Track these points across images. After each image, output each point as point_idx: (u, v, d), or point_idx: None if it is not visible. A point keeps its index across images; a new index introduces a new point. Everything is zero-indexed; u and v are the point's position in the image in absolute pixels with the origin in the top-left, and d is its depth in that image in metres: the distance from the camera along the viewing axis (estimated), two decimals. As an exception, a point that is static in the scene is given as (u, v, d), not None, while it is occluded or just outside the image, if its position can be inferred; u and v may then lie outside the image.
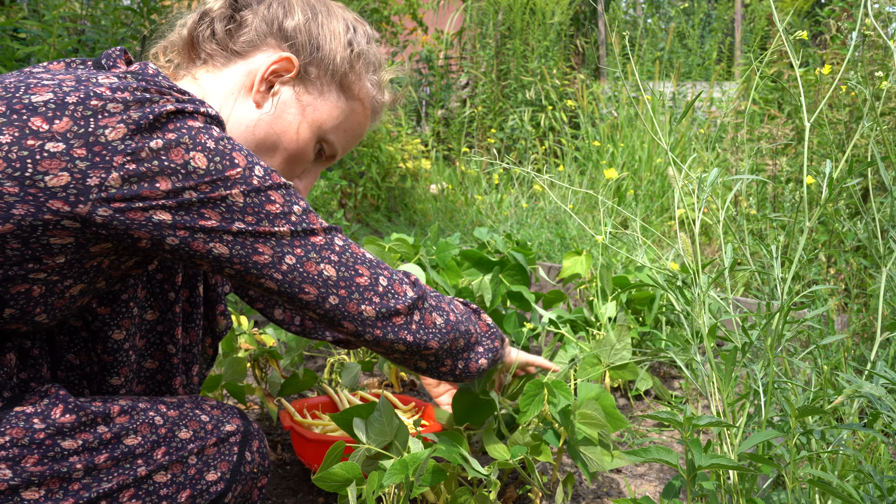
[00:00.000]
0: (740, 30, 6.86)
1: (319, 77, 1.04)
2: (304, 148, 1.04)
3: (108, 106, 0.80)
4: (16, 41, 2.55)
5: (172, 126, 0.82)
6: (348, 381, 1.77)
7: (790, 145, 3.12)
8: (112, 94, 0.81)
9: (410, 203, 4.77)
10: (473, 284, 2.28)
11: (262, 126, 1.01)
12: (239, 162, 0.85)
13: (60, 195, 0.78)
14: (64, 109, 0.79)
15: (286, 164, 1.04)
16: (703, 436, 1.72)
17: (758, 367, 1.08)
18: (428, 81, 6.35)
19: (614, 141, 4.79)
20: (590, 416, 1.29)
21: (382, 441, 1.18)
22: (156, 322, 0.99)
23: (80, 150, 0.78)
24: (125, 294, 0.94)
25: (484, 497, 1.20)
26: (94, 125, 0.79)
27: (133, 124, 0.80)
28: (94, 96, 0.81)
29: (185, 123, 0.82)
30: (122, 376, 0.95)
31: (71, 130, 0.78)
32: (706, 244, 3.54)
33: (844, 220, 2.45)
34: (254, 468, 1.00)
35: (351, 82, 1.06)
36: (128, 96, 0.82)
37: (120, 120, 0.80)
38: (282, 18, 1.02)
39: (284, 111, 1.02)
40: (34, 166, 0.77)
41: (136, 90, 0.83)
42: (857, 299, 2.28)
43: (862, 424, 0.94)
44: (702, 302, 1.11)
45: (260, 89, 1.01)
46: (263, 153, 1.03)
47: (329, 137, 1.06)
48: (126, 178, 0.79)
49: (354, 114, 1.08)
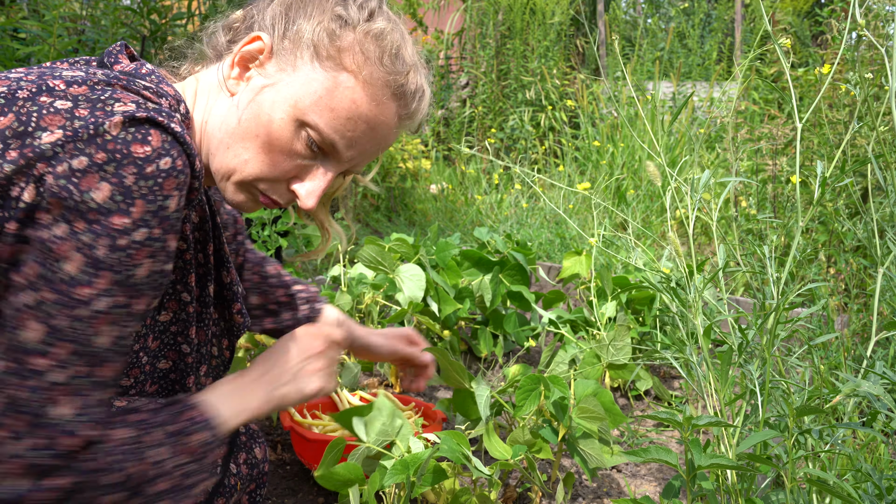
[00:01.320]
0: (740, 30, 6.86)
1: (294, 49, 0.88)
2: (279, 132, 0.87)
3: (57, 103, 0.74)
4: (16, 41, 2.55)
5: (111, 146, 0.72)
6: (348, 381, 1.77)
7: (790, 145, 3.12)
8: (65, 89, 0.75)
9: (410, 203, 4.77)
10: (473, 284, 2.28)
11: (233, 114, 0.89)
12: (134, 212, 0.72)
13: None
14: (12, 104, 0.73)
15: (266, 156, 0.89)
16: (702, 436, 1.72)
17: (754, 367, 1.09)
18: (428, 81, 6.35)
19: (614, 141, 4.80)
20: (589, 411, 1.30)
21: (384, 440, 1.19)
22: (169, 323, 0.97)
23: (13, 152, 0.72)
24: None
25: (485, 496, 1.21)
26: (35, 125, 0.72)
27: (71, 132, 0.72)
28: (46, 91, 0.74)
29: (125, 146, 0.72)
30: (131, 377, 0.93)
31: (10, 127, 0.72)
32: (706, 244, 3.55)
33: (844, 220, 2.46)
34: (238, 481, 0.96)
35: (333, 50, 0.88)
36: (82, 91, 0.75)
37: (61, 124, 0.72)
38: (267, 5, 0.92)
39: (257, 95, 0.88)
40: None
41: (97, 84, 0.76)
42: (856, 299, 2.28)
43: (860, 423, 0.95)
44: (696, 303, 1.11)
45: (232, 75, 0.90)
46: (239, 145, 0.89)
47: (310, 119, 0.87)
48: (39, 193, 0.71)
49: (341, 88, 0.87)
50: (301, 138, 0.88)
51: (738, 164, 3.24)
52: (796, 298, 1.01)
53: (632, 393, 2.05)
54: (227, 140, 0.89)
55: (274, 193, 0.92)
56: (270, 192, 0.92)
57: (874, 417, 0.99)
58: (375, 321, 1.96)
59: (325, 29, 0.87)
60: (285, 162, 0.89)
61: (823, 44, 5.29)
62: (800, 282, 2.45)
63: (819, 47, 5.15)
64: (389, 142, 0.94)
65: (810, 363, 1.42)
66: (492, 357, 2.35)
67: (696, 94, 5.41)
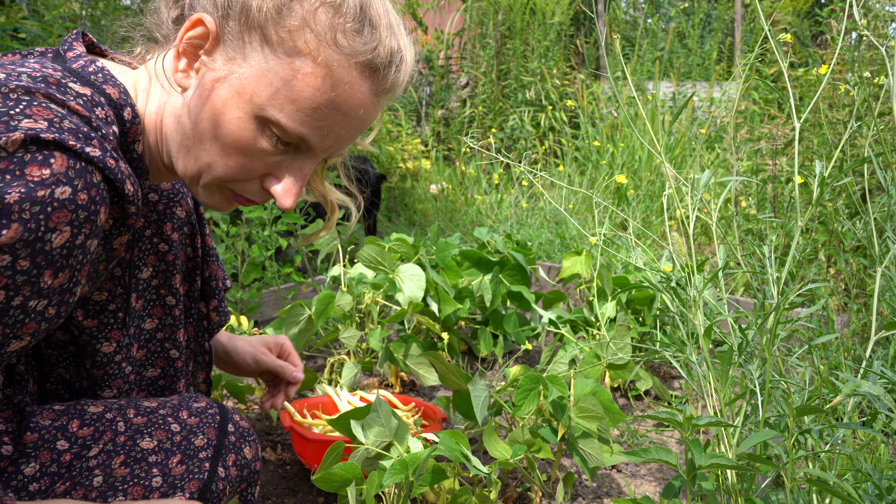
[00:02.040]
0: (740, 30, 6.86)
1: (240, 33, 0.77)
2: (239, 132, 0.77)
3: None
4: (16, 41, 2.55)
5: (3, 165, 0.63)
6: (348, 381, 1.77)
7: (790, 145, 3.12)
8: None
9: (410, 203, 4.77)
10: (473, 284, 2.28)
11: (187, 114, 0.80)
12: (3, 235, 0.63)
13: None
14: None
15: (230, 158, 0.79)
16: (702, 436, 1.72)
17: (754, 366, 1.09)
18: (428, 81, 6.35)
19: (614, 141, 4.80)
20: (588, 410, 1.30)
21: (382, 441, 1.19)
22: (155, 330, 0.96)
23: None
24: (112, 304, 0.89)
25: (485, 496, 1.21)
26: None
27: None
28: None
29: (18, 167, 0.63)
30: (114, 388, 0.92)
31: None
32: (706, 244, 3.55)
33: (844, 220, 2.46)
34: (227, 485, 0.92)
35: (284, 32, 0.75)
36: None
37: None
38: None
39: (210, 92, 0.78)
40: None
41: (13, 91, 0.67)
42: (856, 299, 2.28)
43: (860, 423, 0.95)
44: (696, 302, 1.11)
45: (179, 67, 0.80)
46: (199, 148, 0.80)
47: (270, 115, 0.77)
48: None
49: (299, 76, 0.76)
50: (265, 136, 0.78)
51: (738, 164, 3.24)
52: (796, 298, 1.01)
53: (632, 393, 2.05)
54: (186, 143, 0.81)
55: (247, 193, 0.84)
56: (243, 191, 0.84)
57: (874, 417, 0.99)
58: (375, 321, 1.96)
59: (272, 4, 0.75)
60: (252, 162, 0.80)
61: (823, 44, 5.29)
62: (800, 282, 2.45)
63: (819, 47, 5.15)
64: (370, 121, 0.83)
65: (810, 363, 1.42)
66: (492, 357, 2.35)
67: (696, 95, 5.41)
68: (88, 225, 0.68)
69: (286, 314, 1.87)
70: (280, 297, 2.56)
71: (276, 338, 1.26)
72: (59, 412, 0.86)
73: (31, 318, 0.68)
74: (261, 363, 1.21)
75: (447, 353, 2.25)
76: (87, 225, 0.67)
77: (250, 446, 0.98)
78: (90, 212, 0.67)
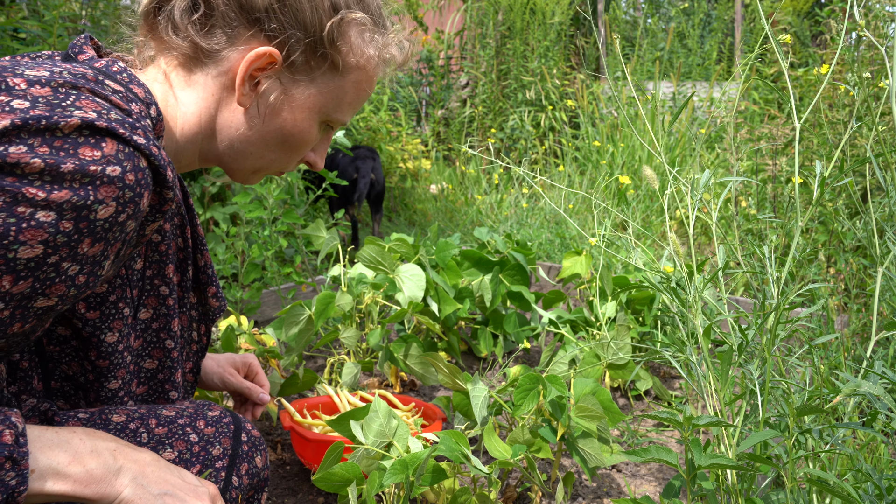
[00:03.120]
0: (740, 30, 6.86)
1: (307, 61, 0.90)
2: (306, 136, 0.94)
3: (14, 102, 0.69)
4: (16, 41, 2.55)
5: (58, 143, 0.68)
6: (348, 381, 1.77)
7: (790, 145, 3.12)
8: (26, 89, 0.71)
9: (410, 203, 4.77)
10: (473, 284, 2.28)
11: (256, 128, 0.92)
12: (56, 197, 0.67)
13: None
14: None
15: (294, 152, 0.96)
16: (702, 436, 1.72)
17: (753, 366, 1.09)
18: (428, 81, 6.35)
19: (614, 141, 4.80)
20: (587, 409, 1.30)
21: (381, 441, 1.19)
22: (150, 320, 0.97)
23: None
24: (113, 295, 0.91)
25: (485, 496, 1.21)
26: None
27: (20, 121, 0.67)
28: (4, 89, 0.70)
29: (73, 146, 0.69)
30: (119, 379, 0.93)
31: None
32: (706, 244, 3.55)
33: (844, 220, 2.46)
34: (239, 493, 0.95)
35: (346, 54, 0.91)
36: (44, 93, 0.71)
37: (11, 119, 0.67)
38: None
39: (276, 107, 0.91)
40: None
41: (61, 86, 0.72)
42: (857, 299, 2.28)
43: (860, 423, 0.95)
44: (696, 303, 1.11)
45: (244, 91, 0.90)
46: (264, 150, 0.94)
47: (333, 117, 0.95)
48: None
49: (357, 84, 0.94)
50: (320, 129, 0.97)
51: (738, 164, 3.24)
52: (796, 298, 1.01)
53: (632, 393, 2.05)
54: (248, 148, 0.94)
55: (288, 169, 1.02)
56: (287, 170, 1.01)
57: (874, 417, 0.99)
58: (375, 321, 1.96)
59: (333, 30, 0.89)
60: (307, 148, 0.97)
61: (823, 44, 5.29)
62: (800, 282, 2.45)
63: (819, 47, 5.15)
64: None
65: (810, 363, 1.42)
66: (492, 357, 2.35)
67: (696, 95, 5.41)
68: (132, 206, 0.73)
69: (286, 314, 1.87)
70: (280, 297, 2.56)
71: (244, 357, 1.29)
72: (84, 421, 0.87)
73: (61, 279, 0.72)
74: (227, 384, 1.24)
75: (447, 353, 2.25)
76: (131, 205, 0.73)
77: (261, 455, 1.01)
78: (135, 193, 0.73)
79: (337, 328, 1.92)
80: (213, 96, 0.91)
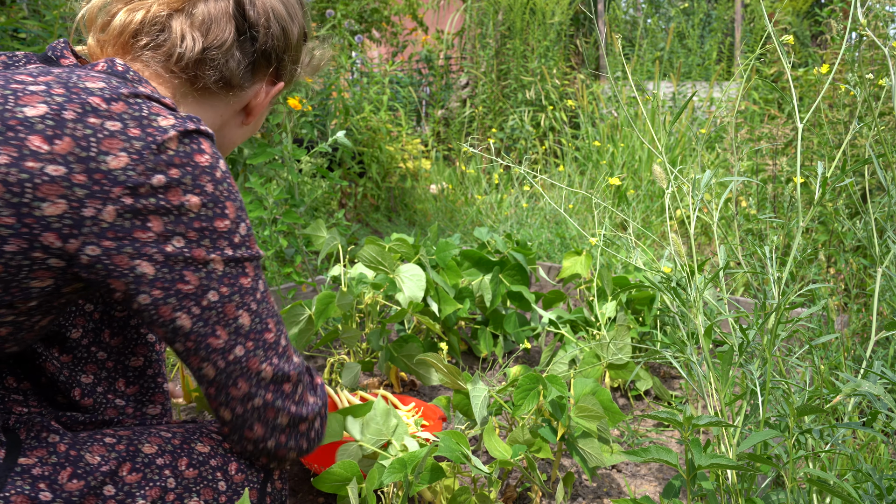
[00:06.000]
0: (740, 30, 6.86)
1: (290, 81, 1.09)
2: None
3: (107, 124, 0.75)
4: (16, 41, 2.55)
5: (178, 160, 0.77)
6: (348, 380, 1.77)
7: (790, 145, 3.12)
8: (108, 107, 0.76)
9: (410, 203, 4.77)
10: (473, 284, 2.28)
11: (247, 134, 1.09)
12: (229, 213, 0.81)
13: (55, 225, 0.72)
14: (63, 127, 0.73)
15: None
16: (702, 436, 1.72)
17: (754, 366, 1.09)
18: (428, 81, 6.35)
19: (614, 141, 4.79)
20: (587, 409, 1.29)
21: (379, 440, 1.19)
22: (127, 317, 0.98)
23: (80, 175, 0.73)
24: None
25: (484, 496, 1.21)
26: (96, 149, 0.74)
27: (136, 154, 0.75)
28: (92, 111, 0.75)
29: (190, 159, 0.78)
30: (90, 374, 0.93)
31: (72, 153, 0.73)
32: (706, 244, 3.55)
33: (844, 220, 2.46)
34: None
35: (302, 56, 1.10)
36: (123, 108, 0.77)
37: (122, 147, 0.75)
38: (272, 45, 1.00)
39: (263, 113, 1.09)
40: (33, 191, 0.71)
41: (129, 98, 0.78)
42: (857, 299, 2.28)
43: (860, 423, 0.95)
44: (696, 302, 1.11)
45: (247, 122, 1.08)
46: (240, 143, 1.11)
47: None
48: (120, 214, 0.74)
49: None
50: None
51: (739, 164, 3.24)
52: (797, 298, 1.01)
53: (632, 393, 2.05)
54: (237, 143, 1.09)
55: None
56: None
57: (874, 417, 0.99)
58: (375, 321, 1.96)
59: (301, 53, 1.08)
60: None
61: (823, 44, 5.29)
62: (800, 282, 2.45)
63: (819, 47, 5.15)
64: None
65: (810, 363, 1.42)
66: (492, 357, 2.35)
67: (697, 95, 5.41)
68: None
69: (286, 314, 1.86)
70: (280, 296, 2.56)
71: None
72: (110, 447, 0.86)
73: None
74: None
75: (447, 353, 2.25)
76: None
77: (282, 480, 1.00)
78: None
79: (337, 328, 1.92)
80: (222, 118, 1.03)
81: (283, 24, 1.00)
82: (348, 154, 4.20)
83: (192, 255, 0.78)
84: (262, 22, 0.97)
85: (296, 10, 1.03)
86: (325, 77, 4.05)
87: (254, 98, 1.04)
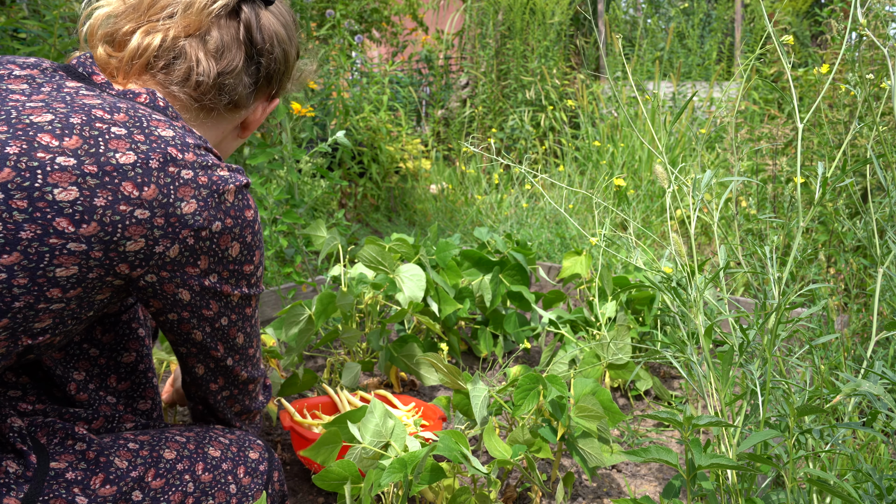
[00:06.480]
0: (740, 30, 6.86)
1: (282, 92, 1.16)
2: None
3: (183, 173, 0.85)
4: (16, 41, 2.55)
5: (233, 212, 0.89)
6: (348, 380, 1.77)
7: (790, 145, 3.12)
8: (183, 157, 0.86)
9: (410, 203, 4.77)
10: (473, 284, 2.28)
11: (239, 143, 1.18)
12: (255, 260, 0.95)
13: (131, 259, 0.83)
14: (149, 176, 0.82)
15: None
16: (702, 436, 1.72)
17: (754, 366, 1.09)
18: (428, 81, 6.35)
19: (614, 141, 4.79)
20: (587, 409, 1.29)
21: (379, 441, 1.19)
22: (119, 313, 1.01)
23: (160, 219, 0.83)
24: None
25: (484, 496, 1.21)
26: (174, 196, 0.84)
27: (202, 201, 0.86)
28: (171, 161, 0.85)
29: (241, 212, 0.90)
30: (82, 371, 0.98)
31: (157, 199, 0.83)
32: (706, 244, 3.54)
33: (844, 220, 2.45)
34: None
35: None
36: (193, 158, 0.87)
37: (193, 194, 0.85)
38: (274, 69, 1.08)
39: (258, 124, 1.17)
40: (122, 232, 0.81)
41: (195, 149, 0.88)
42: (857, 299, 2.28)
43: (860, 423, 0.95)
44: (696, 302, 1.11)
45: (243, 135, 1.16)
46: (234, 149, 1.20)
47: None
48: (181, 251, 0.86)
49: None
50: None
51: (739, 164, 3.24)
52: (797, 298, 1.01)
53: (632, 393, 2.05)
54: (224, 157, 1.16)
55: None
56: None
57: (874, 417, 0.99)
58: (375, 321, 1.96)
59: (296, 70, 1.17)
60: None
61: (823, 44, 5.29)
62: (800, 282, 2.45)
63: (819, 47, 5.15)
64: None
65: (811, 363, 1.42)
66: (492, 357, 2.35)
67: (697, 95, 5.41)
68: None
69: (286, 314, 1.86)
70: (280, 296, 2.56)
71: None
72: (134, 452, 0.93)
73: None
74: None
75: (447, 353, 2.25)
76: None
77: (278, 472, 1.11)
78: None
79: (337, 328, 1.92)
80: (223, 132, 1.10)
81: (284, 47, 1.07)
82: (348, 154, 4.20)
83: (221, 290, 0.92)
84: (268, 47, 1.04)
85: (293, 32, 1.11)
86: (325, 77, 4.04)
87: (251, 115, 1.12)
